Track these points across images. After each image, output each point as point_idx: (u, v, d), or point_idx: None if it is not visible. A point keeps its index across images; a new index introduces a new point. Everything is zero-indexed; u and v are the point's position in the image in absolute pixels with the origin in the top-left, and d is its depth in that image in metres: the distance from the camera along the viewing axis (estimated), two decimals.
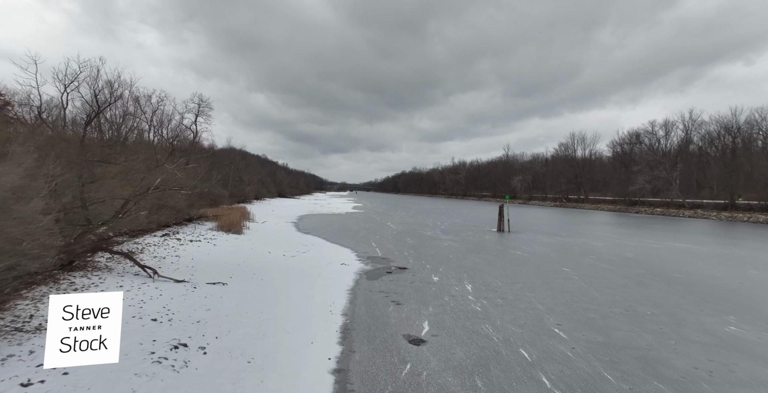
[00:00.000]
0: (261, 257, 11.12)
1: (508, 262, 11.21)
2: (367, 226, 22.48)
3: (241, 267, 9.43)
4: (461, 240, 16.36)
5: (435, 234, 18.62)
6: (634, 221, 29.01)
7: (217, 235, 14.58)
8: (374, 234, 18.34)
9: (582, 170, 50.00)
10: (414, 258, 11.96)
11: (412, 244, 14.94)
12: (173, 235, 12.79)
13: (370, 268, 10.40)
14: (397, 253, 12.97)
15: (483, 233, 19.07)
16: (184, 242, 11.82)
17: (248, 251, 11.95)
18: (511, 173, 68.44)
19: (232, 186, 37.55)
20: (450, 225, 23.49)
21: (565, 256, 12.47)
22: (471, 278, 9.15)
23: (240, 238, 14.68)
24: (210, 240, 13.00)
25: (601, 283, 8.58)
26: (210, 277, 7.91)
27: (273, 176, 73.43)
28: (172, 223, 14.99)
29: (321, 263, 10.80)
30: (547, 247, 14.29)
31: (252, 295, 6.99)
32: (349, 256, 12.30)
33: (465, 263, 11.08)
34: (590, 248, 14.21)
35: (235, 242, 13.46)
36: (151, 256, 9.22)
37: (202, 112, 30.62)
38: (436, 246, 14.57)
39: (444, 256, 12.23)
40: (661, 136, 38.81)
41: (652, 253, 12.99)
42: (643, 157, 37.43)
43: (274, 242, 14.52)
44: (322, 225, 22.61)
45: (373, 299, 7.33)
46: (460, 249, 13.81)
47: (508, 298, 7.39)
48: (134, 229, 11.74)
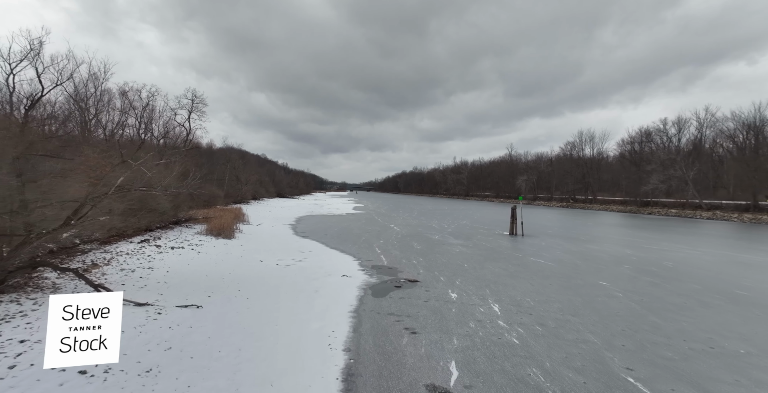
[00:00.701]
0: (250, 267, 9.73)
1: (532, 274, 9.81)
2: (370, 228, 21.09)
3: (225, 281, 8.04)
4: (473, 245, 14.96)
5: (443, 238, 17.23)
6: (652, 223, 27.60)
7: (204, 240, 13.19)
8: (377, 238, 16.95)
9: (590, 170, 48.49)
10: (424, 267, 10.57)
11: (420, 251, 13.54)
12: (153, 240, 11.40)
13: (376, 281, 9.01)
14: (405, 261, 11.58)
15: (495, 237, 17.66)
16: (163, 250, 10.42)
17: (237, 260, 10.55)
18: (516, 173, 66.97)
19: (228, 186, 36.18)
20: (457, 227, 22.10)
21: (595, 265, 11.07)
22: (495, 295, 7.76)
23: (230, 243, 13.29)
24: (195, 246, 11.61)
25: (655, 304, 7.17)
26: (183, 297, 6.52)
27: (272, 176, 72.07)
28: (155, 226, 13.59)
29: (319, 274, 9.41)
30: (571, 254, 12.88)
31: (231, 323, 5.59)
32: (351, 265, 10.90)
33: (483, 274, 9.68)
34: (619, 256, 12.81)
35: (223, 248, 12.07)
36: (118, 270, 7.83)
37: (195, 109, 29.25)
38: (446, 252, 13.17)
39: (458, 266, 10.84)
40: (673, 134, 37.44)
41: (693, 263, 11.58)
42: (658, 155, 35.88)
43: (267, 248, 13.13)
44: (321, 228, 21.22)
45: (382, 325, 5.94)
46: (474, 256, 12.42)
47: (548, 325, 5.99)
48: (109, 236, 10.36)
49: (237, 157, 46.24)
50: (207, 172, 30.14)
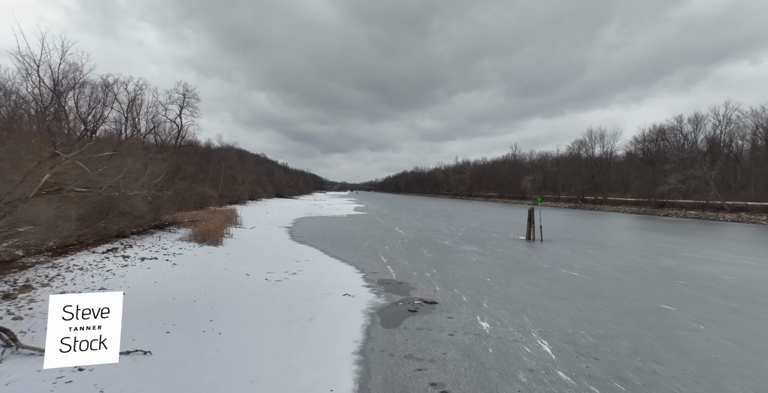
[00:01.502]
0: (233, 284, 8.09)
1: (572, 292, 8.16)
2: (372, 232, 19.45)
3: (196, 306, 6.40)
4: (490, 253, 13.31)
5: (454, 244, 15.58)
6: (675, 226, 25.94)
7: (185, 247, 11.55)
8: (382, 243, 15.31)
9: (600, 169, 46.72)
10: (440, 282, 8.93)
11: (432, 259, 11.90)
12: (122, 249, 9.76)
13: (385, 301, 7.36)
14: (416, 273, 9.94)
15: (511, 243, 16.01)
16: (131, 261, 8.78)
17: (219, 273, 8.91)
18: (521, 173, 65.25)
19: (223, 186, 34.55)
20: (467, 231, 20.44)
21: (642, 280, 9.42)
22: (538, 324, 6.11)
23: (214, 251, 11.64)
24: (172, 256, 9.98)
25: (759, 343, 5.50)
26: (130, 336, 4.87)
27: (270, 175, 70.45)
28: (131, 232, 11.95)
29: (316, 293, 7.78)
30: (606, 265, 11.23)
31: (186, 382, 3.95)
32: (354, 278, 9.27)
33: (513, 293, 8.04)
34: (663, 267, 11.15)
35: (205, 258, 10.43)
36: (58, 292, 6.19)
37: (187, 104, 27.65)
38: (462, 262, 11.53)
39: (479, 280, 9.19)
40: (689, 132, 35.69)
41: (760, 278, 9.90)
42: (676, 154, 34.11)
43: (258, 257, 11.50)
44: (320, 231, 19.58)
45: (398, 378, 4.30)
46: (494, 267, 10.77)
47: (630, 381, 4.34)
48: (65, 245, 8.72)
49: (233, 156, 44.62)
50: (197, 171, 28.51)
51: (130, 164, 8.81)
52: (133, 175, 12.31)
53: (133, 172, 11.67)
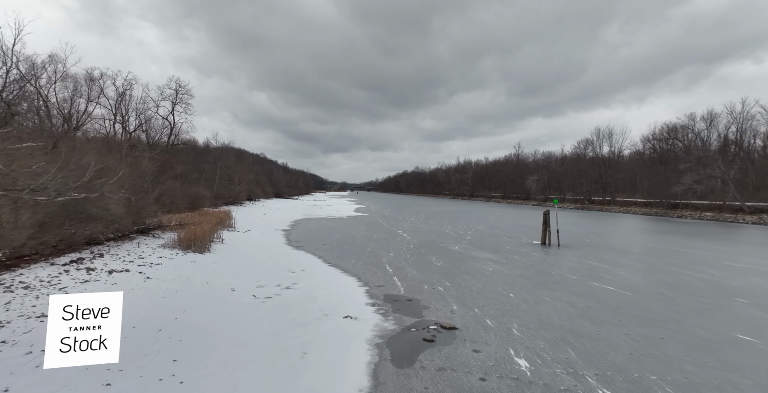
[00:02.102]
0: (213, 304, 6.82)
1: (615, 313, 6.88)
2: (375, 235, 18.18)
3: (159, 338, 5.13)
4: (506, 261, 12.04)
5: (464, 249, 14.31)
6: (698, 229, 24.65)
7: (166, 256, 10.28)
8: (386, 249, 14.05)
9: (609, 169, 45.31)
10: (456, 299, 7.66)
11: (443, 269, 10.63)
12: (90, 260, 8.48)
13: (394, 326, 6.10)
14: (427, 286, 8.67)
15: (526, 248, 14.73)
16: (95, 276, 7.50)
17: (198, 290, 7.64)
18: (525, 172, 63.88)
19: (218, 186, 33.28)
20: (476, 235, 19.16)
21: (694, 297, 8.13)
22: (590, 362, 4.83)
23: (200, 260, 10.37)
24: (147, 268, 8.70)
25: None
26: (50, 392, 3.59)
27: (269, 175, 69.19)
28: (107, 238, 10.68)
29: (311, 314, 6.51)
30: (642, 277, 9.95)
31: None
32: (356, 293, 8.00)
33: (545, 314, 6.76)
34: (711, 281, 9.86)
35: (187, 269, 9.16)
36: None
37: (180, 101, 26.38)
38: (477, 272, 10.26)
39: (501, 296, 7.92)
40: (702, 130, 34.28)
41: None
42: (694, 153, 32.66)
43: (249, 266, 10.23)
44: (319, 234, 18.31)
45: None
46: (515, 279, 9.50)
47: None
48: (17, 256, 7.44)
49: (230, 155, 43.34)
50: (190, 171, 27.25)
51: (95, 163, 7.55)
52: (110, 174, 11.04)
53: (105, 171, 10.41)
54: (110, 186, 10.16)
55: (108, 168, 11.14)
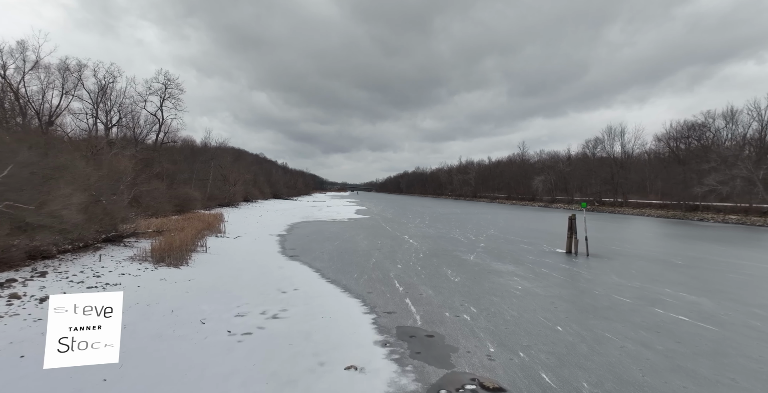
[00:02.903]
0: (170, 348, 5.09)
1: (716, 362, 5.14)
2: (379, 242, 16.46)
3: None
4: (534, 275, 10.31)
5: (481, 260, 12.59)
6: (730, 234, 22.91)
7: (131, 272, 8.54)
8: (392, 259, 12.33)
9: (621, 169, 43.44)
10: (490, 334, 5.94)
11: (462, 286, 8.92)
12: (25, 281, 6.73)
13: (415, 384, 4.40)
14: (449, 313, 6.96)
15: (552, 259, 13.00)
16: (17, 307, 5.75)
17: (157, 324, 5.90)
18: (530, 173, 62.08)
19: (212, 187, 31.55)
20: (489, 241, 17.44)
21: None
22: None
23: (172, 277, 8.63)
24: (100, 291, 6.95)
25: None
26: None
27: (268, 176, 67.50)
28: (60, 250, 8.92)
29: (302, 364, 4.80)
30: (714, 301, 8.21)
31: None
32: (362, 326, 6.28)
33: (617, 362, 5.03)
34: None
35: (152, 292, 7.42)
36: None
37: (169, 96, 24.67)
38: (505, 292, 8.54)
39: (547, 329, 6.19)
40: (721, 128, 32.52)
41: None
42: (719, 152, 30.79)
43: (231, 285, 8.51)
44: (317, 241, 16.58)
45: None
46: (555, 303, 7.77)
47: None
48: None
49: (224, 155, 41.61)
50: (179, 171, 25.54)
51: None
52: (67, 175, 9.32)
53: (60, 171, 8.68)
54: (65, 188, 8.42)
55: (64, 167, 9.40)
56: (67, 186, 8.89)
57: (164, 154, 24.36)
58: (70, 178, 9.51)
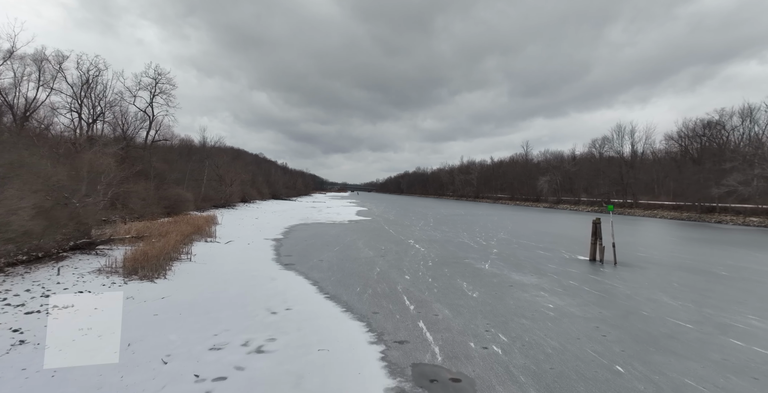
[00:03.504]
0: None
1: None
2: (382, 247, 15.14)
3: None
4: (563, 289, 8.98)
5: (498, 269, 11.27)
6: (758, 238, 21.59)
7: (93, 289, 7.19)
8: (398, 268, 11.02)
9: (631, 169, 42.00)
10: (531, 376, 4.63)
11: (484, 305, 7.59)
12: None
13: None
14: (474, 343, 5.64)
15: (578, 268, 11.67)
16: None
17: (98, 369, 4.56)
18: (535, 173, 60.69)
19: (207, 187, 30.21)
20: (502, 246, 16.11)
21: None
22: None
23: (141, 294, 7.29)
24: (34, 319, 5.62)
25: None
26: None
27: (267, 176, 66.19)
28: (9, 262, 7.58)
29: None
30: None
31: None
32: (367, 364, 4.96)
33: None
34: None
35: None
36: None
37: (160, 91, 23.36)
38: (534, 311, 7.21)
39: (604, 370, 4.87)
40: (735, 126, 31.18)
41: None
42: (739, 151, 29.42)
43: (210, 304, 7.18)
44: (315, 246, 15.25)
45: None
46: (601, 328, 6.44)
47: None
48: None
49: (221, 154, 40.29)
50: (171, 170, 24.23)
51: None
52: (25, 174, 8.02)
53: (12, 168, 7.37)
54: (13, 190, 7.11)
55: (20, 164, 8.07)
56: (24, 187, 7.57)
57: (155, 152, 23.05)
58: (27, 178, 8.17)
